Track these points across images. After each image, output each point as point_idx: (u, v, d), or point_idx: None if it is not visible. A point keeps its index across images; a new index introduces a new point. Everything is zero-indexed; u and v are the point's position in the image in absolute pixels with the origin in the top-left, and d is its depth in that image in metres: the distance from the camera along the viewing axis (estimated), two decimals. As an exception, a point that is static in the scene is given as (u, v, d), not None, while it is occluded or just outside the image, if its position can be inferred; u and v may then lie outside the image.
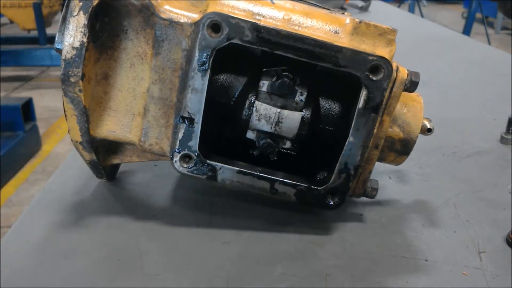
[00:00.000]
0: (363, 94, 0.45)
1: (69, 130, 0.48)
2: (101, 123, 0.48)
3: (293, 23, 0.44)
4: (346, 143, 0.47)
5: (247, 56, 0.48)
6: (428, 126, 0.52)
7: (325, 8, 0.48)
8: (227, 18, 0.42)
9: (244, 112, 0.48)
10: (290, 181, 0.49)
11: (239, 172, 0.48)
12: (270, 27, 0.43)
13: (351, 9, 2.04)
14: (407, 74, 0.46)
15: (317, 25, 0.45)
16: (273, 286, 0.45)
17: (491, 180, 0.67)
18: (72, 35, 0.43)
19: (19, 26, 3.65)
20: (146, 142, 0.49)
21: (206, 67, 0.44)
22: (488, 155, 0.75)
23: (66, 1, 0.43)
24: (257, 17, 0.44)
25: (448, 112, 0.91)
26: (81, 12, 0.42)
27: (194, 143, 0.47)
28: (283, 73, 0.47)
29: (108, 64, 0.47)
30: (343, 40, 0.44)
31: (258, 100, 0.48)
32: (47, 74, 3.86)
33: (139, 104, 0.48)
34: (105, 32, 0.45)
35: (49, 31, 3.58)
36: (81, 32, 0.42)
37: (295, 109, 0.48)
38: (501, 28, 5.95)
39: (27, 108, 2.44)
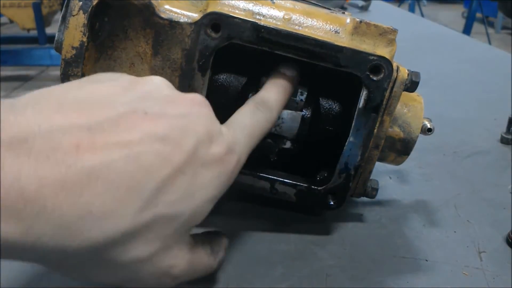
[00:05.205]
0: (364, 94, 0.45)
1: (69, 130, 0.48)
2: (101, 123, 0.48)
3: (294, 22, 0.44)
4: (346, 143, 0.47)
5: (247, 56, 0.48)
6: (429, 126, 0.52)
7: (325, 8, 0.48)
8: (227, 17, 0.42)
9: (244, 112, 0.48)
10: (290, 181, 0.49)
11: (239, 172, 0.48)
12: (271, 27, 0.42)
13: (352, 8, 2.04)
14: (408, 74, 0.46)
15: (318, 25, 0.45)
16: (273, 286, 0.45)
17: (491, 180, 0.67)
18: (72, 34, 0.42)
19: (19, 25, 3.65)
20: (146, 142, 0.49)
21: (206, 67, 0.44)
22: (488, 155, 0.75)
23: (66, 1, 0.43)
24: (257, 17, 0.44)
25: (448, 112, 0.91)
26: (81, 12, 0.42)
27: (194, 143, 0.47)
28: (283, 73, 0.47)
29: (108, 64, 0.47)
30: (344, 40, 0.44)
31: (258, 100, 0.47)
32: (47, 74, 3.85)
33: (139, 104, 0.48)
34: (104, 31, 0.45)
35: (48, 30, 3.58)
36: (81, 31, 0.42)
37: (295, 109, 0.48)
38: (501, 28, 5.95)
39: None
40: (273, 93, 0.43)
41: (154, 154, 0.28)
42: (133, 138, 0.28)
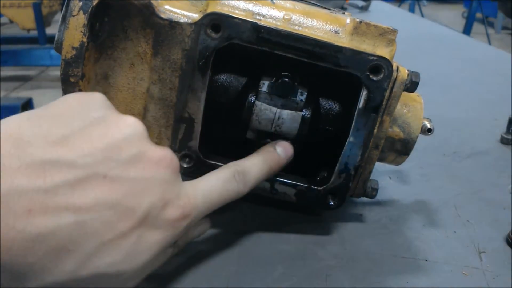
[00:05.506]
0: (363, 94, 0.45)
1: (69, 130, 0.48)
2: (101, 123, 0.48)
3: (293, 23, 0.44)
4: (346, 143, 0.47)
5: (247, 56, 0.48)
6: (428, 126, 0.52)
7: (325, 8, 0.48)
8: (227, 18, 0.42)
9: (244, 112, 0.48)
10: (290, 181, 0.49)
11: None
12: (270, 27, 0.43)
13: (352, 8, 2.04)
14: (407, 74, 0.46)
15: (318, 25, 0.45)
16: (273, 286, 0.45)
17: (491, 180, 0.67)
18: (72, 35, 0.42)
19: (19, 26, 3.65)
20: (146, 142, 0.49)
21: (206, 67, 0.44)
22: (488, 155, 0.75)
23: (66, 1, 0.43)
24: (257, 17, 0.44)
25: (448, 112, 0.91)
26: (81, 12, 0.42)
27: (194, 143, 0.47)
28: (283, 73, 0.47)
29: (108, 64, 0.47)
30: (344, 40, 0.44)
31: (258, 100, 0.47)
32: (47, 74, 3.86)
33: (139, 104, 0.48)
34: (105, 32, 0.45)
35: (48, 31, 3.58)
36: (81, 32, 0.42)
37: (295, 109, 0.48)
38: (501, 28, 5.95)
39: (27, 108, 2.44)
40: (256, 169, 0.42)
41: (101, 221, 0.30)
42: (85, 203, 0.30)
